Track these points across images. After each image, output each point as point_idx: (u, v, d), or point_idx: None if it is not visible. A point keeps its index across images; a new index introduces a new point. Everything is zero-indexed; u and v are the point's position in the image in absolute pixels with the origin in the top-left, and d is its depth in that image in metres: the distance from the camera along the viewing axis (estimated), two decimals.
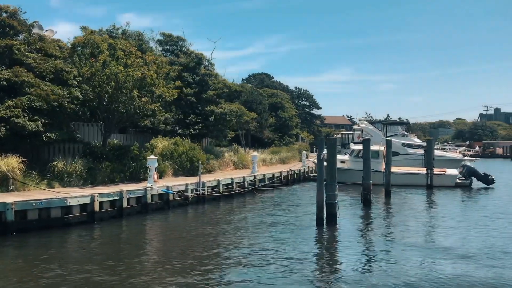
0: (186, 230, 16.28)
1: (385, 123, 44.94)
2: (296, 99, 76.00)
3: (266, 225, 16.72)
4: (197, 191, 21.83)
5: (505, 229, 16.09)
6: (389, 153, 26.01)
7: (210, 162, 28.31)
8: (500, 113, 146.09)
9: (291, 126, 55.62)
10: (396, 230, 16.31)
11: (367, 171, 21.16)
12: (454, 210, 20.98)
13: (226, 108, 31.81)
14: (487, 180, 29.62)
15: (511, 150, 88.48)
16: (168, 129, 29.39)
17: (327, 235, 15.38)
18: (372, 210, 20.30)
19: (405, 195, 26.34)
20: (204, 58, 33.47)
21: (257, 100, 44.28)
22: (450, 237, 14.99)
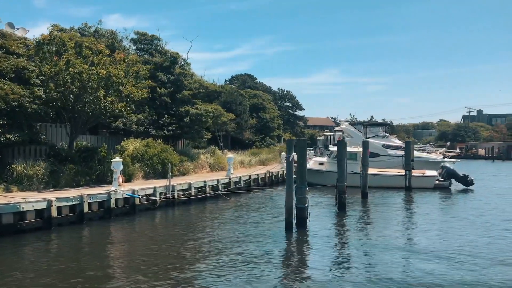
0: (149, 236, 15.47)
1: (365, 124, 44.47)
2: (279, 100, 75.45)
3: (233, 231, 15.95)
4: (166, 194, 20.98)
5: (479, 232, 15.55)
6: (366, 155, 25.46)
7: (184, 164, 27.47)
8: (483, 115, 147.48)
9: (273, 128, 55.00)
10: (369, 233, 15.68)
11: (342, 173, 20.52)
12: (429, 213, 20.43)
13: (202, 108, 31.00)
14: (466, 181, 29.27)
15: (493, 151, 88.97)
16: (141, 131, 28.49)
17: (295, 240, 14.66)
18: (347, 213, 19.66)
19: (382, 197, 25.80)
20: (179, 57, 32.65)
21: (236, 101, 43.57)
22: (423, 240, 14.40)
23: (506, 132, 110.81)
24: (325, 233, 15.63)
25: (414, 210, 21.54)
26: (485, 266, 11.35)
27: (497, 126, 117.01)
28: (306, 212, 15.66)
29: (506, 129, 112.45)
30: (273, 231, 15.68)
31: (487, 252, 12.73)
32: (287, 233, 15.09)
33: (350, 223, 17.91)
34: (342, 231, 16.46)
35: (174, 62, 31.81)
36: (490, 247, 13.41)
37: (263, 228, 16.24)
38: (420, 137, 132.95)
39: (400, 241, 14.47)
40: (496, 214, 19.63)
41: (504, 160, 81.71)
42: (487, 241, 14.22)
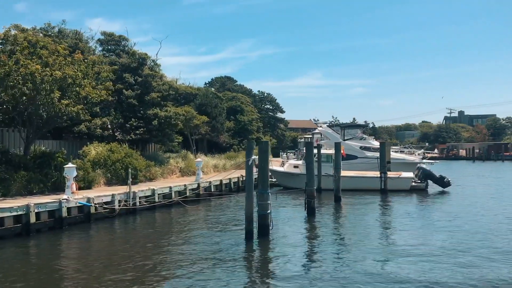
0: (100, 247, 14.34)
1: (342, 126, 43.74)
2: (259, 103, 74.59)
3: (192, 241, 14.86)
4: (127, 202, 19.79)
5: (448, 237, 14.72)
6: (338, 157, 24.61)
7: (151, 169, 26.27)
8: (464, 116, 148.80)
9: (251, 130, 54.01)
10: (337, 240, 14.75)
11: (310, 177, 19.59)
12: (401, 216, 19.58)
13: (171, 111, 29.83)
14: (443, 182, 28.60)
15: (474, 152, 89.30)
16: (106, 135, 27.24)
17: (256, 250, 13.63)
18: (316, 219, 18.70)
19: (355, 200, 24.94)
20: (148, 58, 31.47)
21: (212, 103, 42.50)
22: (393, 246, 13.53)
23: (486, 132, 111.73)
24: (289, 241, 14.62)
25: (386, 214, 20.74)
26: (449, 273, 10.50)
27: (478, 127, 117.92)
28: (269, 219, 14.65)
29: (486, 130, 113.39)
30: (233, 240, 14.61)
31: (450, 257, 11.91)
32: (247, 243, 14.05)
33: (317, 229, 16.97)
34: (307, 238, 15.49)
35: (142, 63, 30.62)
36: (459, 253, 12.59)
37: (223, 238, 15.16)
38: (402, 138, 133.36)
39: (369, 247, 13.51)
40: (469, 218, 18.87)
41: (484, 161, 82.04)
42: (455, 246, 13.42)
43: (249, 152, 14.62)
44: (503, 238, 14.58)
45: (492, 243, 13.92)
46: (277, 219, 18.55)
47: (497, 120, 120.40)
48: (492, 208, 21.37)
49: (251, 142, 15.17)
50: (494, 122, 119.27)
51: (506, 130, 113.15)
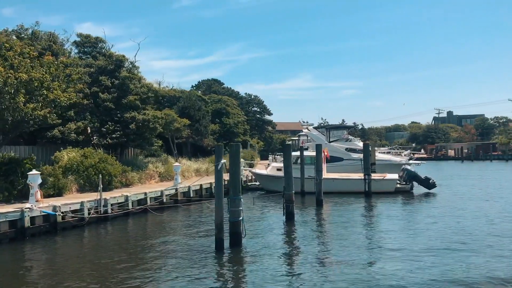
0: (63, 260, 13.47)
1: (328, 128, 43.11)
2: (246, 105, 73.82)
3: (159, 252, 14.03)
4: (98, 209, 18.91)
5: (431, 243, 14.06)
6: (319, 159, 23.89)
7: (127, 175, 25.36)
8: (453, 116, 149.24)
9: (237, 133, 53.23)
10: (315, 247, 13.98)
11: (289, 181, 18.84)
12: (384, 220, 18.93)
13: (150, 114, 28.95)
14: (429, 184, 28.01)
15: (462, 152, 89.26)
16: (81, 139, 26.29)
17: (226, 261, 12.83)
18: (295, 224, 17.96)
19: (338, 204, 24.27)
20: (126, 60, 30.57)
21: (195, 106, 41.67)
22: (376, 253, 12.85)
23: (474, 132, 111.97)
24: (263, 249, 13.82)
25: (368, 218, 20.02)
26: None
27: (466, 127, 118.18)
28: (241, 226, 13.88)
29: (474, 130, 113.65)
30: (203, 250, 13.80)
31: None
32: (217, 253, 13.26)
33: (295, 235, 16.23)
34: (283, 246, 14.68)
35: (119, 66, 29.72)
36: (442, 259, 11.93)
37: (194, 247, 14.36)
38: (392, 139, 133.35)
39: (349, 255, 12.80)
40: (452, 220, 18.23)
41: (473, 160, 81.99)
42: (436, 248, 12.76)
43: (218, 156, 13.85)
44: (482, 240, 14.03)
45: (473, 246, 13.34)
46: (254, 225, 17.86)
47: (485, 120, 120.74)
48: (476, 210, 20.77)
49: (219, 146, 14.38)
50: (483, 122, 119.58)
51: (494, 130, 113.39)
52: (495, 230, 15.83)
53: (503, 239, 14.39)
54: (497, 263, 11.63)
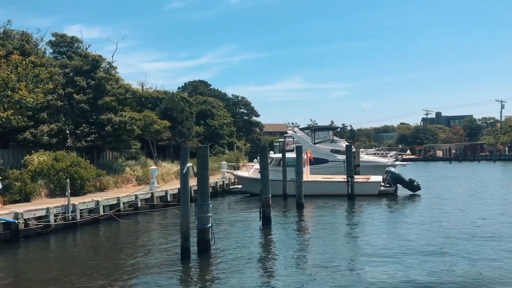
0: (23, 270, 12.59)
1: (313, 129, 42.50)
2: (233, 106, 73.01)
3: (124, 261, 13.19)
4: (65, 216, 18.00)
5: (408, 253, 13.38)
6: (300, 161, 23.15)
7: (102, 178, 24.46)
8: (441, 117, 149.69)
9: (223, 135, 52.40)
10: (291, 255, 13.20)
11: (265, 184, 18.06)
12: (367, 224, 18.22)
13: (127, 116, 28.05)
14: (413, 186, 27.38)
15: (450, 152, 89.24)
16: (54, 142, 25.33)
17: (192, 270, 12.04)
18: (271, 229, 17.19)
19: (319, 207, 23.56)
20: (103, 60, 29.66)
21: (178, 108, 40.75)
22: (355, 261, 12.12)
23: (462, 133, 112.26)
24: (234, 258, 13.00)
25: (349, 222, 19.28)
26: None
27: (454, 128, 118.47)
28: (210, 234, 13.09)
29: (462, 130, 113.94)
30: (169, 259, 12.99)
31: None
32: (183, 262, 12.45)
33: (270, 242, 15.47)
34: (256, 253, 13.85)
35: (96, 66, 28.80)
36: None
37: (160, 256, 13.55)
38: (381, 140, 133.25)
39: (327, 264, 12.05)
40: (435, 225, 17.59)
41: (461, 161, 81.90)
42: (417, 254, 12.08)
43: (183, 159, 13.03)
44: (462, 245, 13.42)
45: (452, 251, 12.74)
46: (227, 231, 17.08)
47: (474, 121, 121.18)
48: (460, 213, 20.18)
49: (185, 148, 13.56)
50: (470, 122, 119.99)
51: (482, 131, 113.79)
52: (476, 234, 15.19)
53: (484, 242, 13.77)
54: (473, 268, 10.99)
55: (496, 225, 16.72)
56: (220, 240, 15.21)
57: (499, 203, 23.07)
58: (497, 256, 12.22)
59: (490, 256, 12.19)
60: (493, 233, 15.31)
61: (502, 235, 14.89)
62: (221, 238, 15.52)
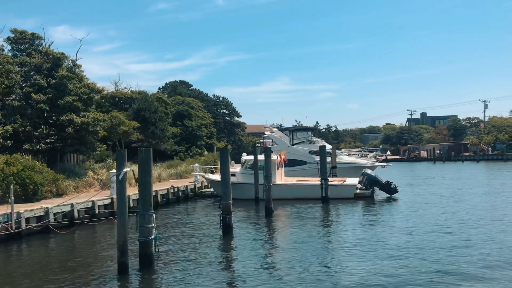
0: None
1: (291, 130, 41.31)
2: (214, 107, 71.62)
3: (62, 277, 11.77)
4: (8, 225, 16.47)
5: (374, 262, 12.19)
6: (268, 164, 21.84)
7: (60, 183, 22.93)
8: (426, 117, 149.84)
9: (200, 136, 50.97)
10: (249, 266, 11.96)
11: (225, 189, 16.77)
12: (337, 231, 17.05)
13: (90, 116, 26.53)
14: (390, 189, 26.28)
15: (434, 153, 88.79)
16: (9, 145, 23.73)
17: (129, 287, 10.69)
18: (232, 238, 15.87)
19: (290, 212, 22.34)
20: (66, 58, 28.11)
21: (151, 108, 39.29)
22: (316, 272, 10.85)
23: (446, 133, 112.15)
24: (181, 272, 11.68)
25: (320, 229, 17.91)
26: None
27: (438, 128, 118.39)
28: (153, 246, 11.75)
29: (446, 131, 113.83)
30: (106, 275, 11.61)
31: None
32: (121, 279, 11.08)
33: (229, 252, 14.17)
34: (209, 266, 12.47)
35: (57, 64, 27.25)
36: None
37: (98, 271, 12.15)
38: (366, 141, 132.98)
39: (290, 273, 10.84)
40: (411, 232, 16.45)
41: (444, 162, 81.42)
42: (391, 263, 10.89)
43: (120, 163, 11.66)
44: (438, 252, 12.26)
45: (430, 260, 11.54)
46: (180, 242, 15.66)
47: (458, 121, 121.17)
48: (436, 218, 19.09)
49: (121, 151, 12.14)
50: (455, 122, 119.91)
51: (466, 131, 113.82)
52: (450, 243, 14.08)
53: (457, 250, 12.65)
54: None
55: (468, 232, 15.65)
56: (169, 252, 13.86)
57: (476, 206, 22.05)
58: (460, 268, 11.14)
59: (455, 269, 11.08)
60: (466, 240, 14.24)
61: (472, 246, 13.67)
62: (171, 250, 14.13)
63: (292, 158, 37.30)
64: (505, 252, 12.61)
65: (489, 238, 14.55)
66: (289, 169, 36.83)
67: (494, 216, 18.82)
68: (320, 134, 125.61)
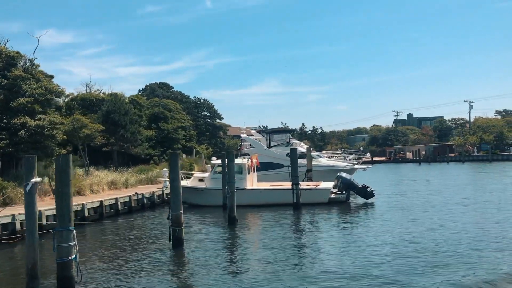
0: None
1: (268, 132, 39.82)
2: (195, 109, 69.83)
3: None
4: None
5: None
6: (231, 168, 20.24)
7: (8, 191, 21.13)
8: (413, 118, 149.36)
9: (177, 139, 49.20)
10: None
11: (175, 198, 15.07)
12: (306, 242, 15.53)
13: (46, 119, 24.76)
14: (366, 193, 24.85)
15: (420, 154, 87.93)
16: None
17: None
18: (183, 253, 14.23)
19: (256, 220, 20.80)
20: (21, 57, 26.32)
21: (121, 110, 37.52)
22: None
23: (432, 134, 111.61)
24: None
25: (283, 239, 16.30)
26: None
27: (424, 129, 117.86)
28: (73, 268, 10.10)
29: (432, 131, 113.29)
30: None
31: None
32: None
33: (174, 270, 12.52)
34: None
35: (11, 64, 25.45)
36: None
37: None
38: (353, 142, 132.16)
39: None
40: (384, 241, 14.98)
41: (430, 163, 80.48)
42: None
43: (28, 172, 10.00)
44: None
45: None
46: (120, 258, 13.90)
47: (444, 122, 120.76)
48: (412, 224, 17.67)
49: (28, 158, 10.42)
50: (441, 123, 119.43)
51: (452, 131, 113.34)
52: (424, 253, 12.64)
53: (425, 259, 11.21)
54: None
55: (439, 241, 14.24)
56: (99, 272, 12.15)
57: (453, 212, 20.71)
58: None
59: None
60: (433, 251, 12.84)
61: (440, 261, 12.22)
62: (101, 270, 12.40)
63: (269, 161, 35.83)
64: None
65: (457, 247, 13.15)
66: (265, 172, 35.31)
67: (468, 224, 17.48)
68: (306, 136, 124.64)
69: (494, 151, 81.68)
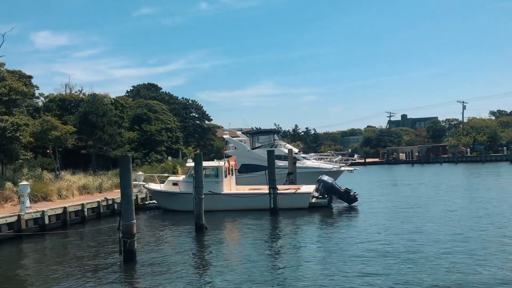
0: None
1: (252, 133, 38.43)
2: (183, 110, 68.40)
3: None
4: None
5: None
6: (199, 172, 18.75)
7: None
8: (407, 119, 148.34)
9: (160, 141, 47.74)
10: None
11: (127, 207, 13.60)
12: (278, 254, 14.13)
13: (8, 121, 23.27)
14: (349, 197, 23.49)
15: (413, 155, 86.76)
16: None
17: None
18: (134, 268, 12.77)
19: (227, 227, 19.36)
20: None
21: (99, 112, 35.98)
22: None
23: (426, 135, 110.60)
24: None
25: (250, 251, 14.89)
26: None
27: (418, 130, 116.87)
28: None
29: (425, 132, 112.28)
30: None
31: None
32: None
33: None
34: None
35: None
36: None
37: None
38: (347, 144, 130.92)
39: None
40: (366, 251, 13.60)
41: (423, 164, 79.32)
42: None
43: None
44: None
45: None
46: (59, 274, 12.39)
47: (437, 122, 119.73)
48: (396, 233, 16.31)
49: None
50: (434, 124, 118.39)
51: (445, 132, 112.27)
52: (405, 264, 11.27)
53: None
54: None
55: (424, 255, 12.87)
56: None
57: (440, 217, 19.38)
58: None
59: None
60: (410, 260, 11.47)
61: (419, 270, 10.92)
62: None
63: (252, 163, 34.49)
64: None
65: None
66: (247, 175, 34.00)
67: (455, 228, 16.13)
68: (299, 138, 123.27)
69: (487, 152, 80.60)
